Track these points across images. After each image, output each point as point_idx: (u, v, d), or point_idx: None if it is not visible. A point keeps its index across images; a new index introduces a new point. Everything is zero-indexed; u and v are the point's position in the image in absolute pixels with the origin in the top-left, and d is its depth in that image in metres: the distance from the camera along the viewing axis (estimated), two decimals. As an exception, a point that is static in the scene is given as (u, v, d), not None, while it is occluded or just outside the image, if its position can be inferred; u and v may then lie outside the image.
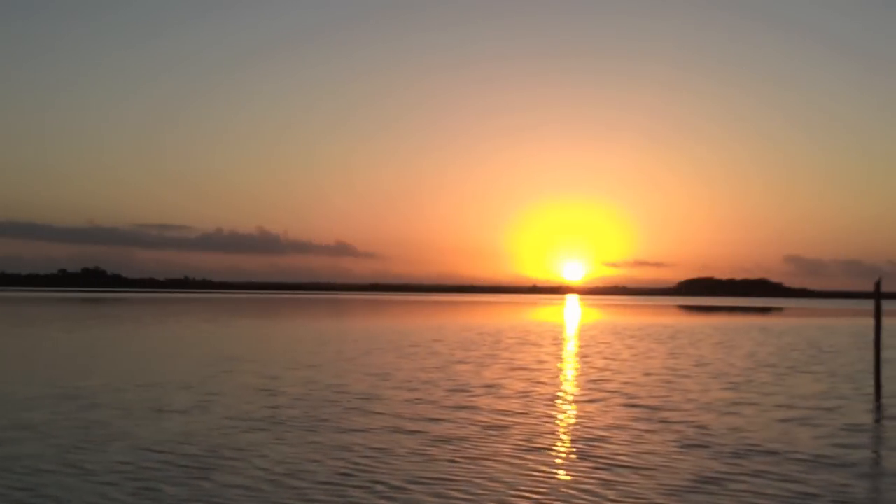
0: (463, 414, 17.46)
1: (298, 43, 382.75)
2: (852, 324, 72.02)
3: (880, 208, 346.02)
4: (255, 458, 12.90)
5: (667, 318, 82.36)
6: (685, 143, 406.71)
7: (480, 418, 16.93)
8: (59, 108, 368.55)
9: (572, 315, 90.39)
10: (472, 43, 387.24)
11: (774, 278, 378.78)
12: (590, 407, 18.67)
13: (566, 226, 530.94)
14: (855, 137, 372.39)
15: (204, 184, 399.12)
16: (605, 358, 32.02)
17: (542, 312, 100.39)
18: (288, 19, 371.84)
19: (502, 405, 18.78)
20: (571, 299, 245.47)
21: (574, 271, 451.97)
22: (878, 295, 23.50)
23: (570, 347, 37.86)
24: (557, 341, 42.14)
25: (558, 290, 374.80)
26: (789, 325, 68.94)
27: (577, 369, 27.38)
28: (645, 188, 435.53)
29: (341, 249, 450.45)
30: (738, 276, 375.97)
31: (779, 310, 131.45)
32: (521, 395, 20.64)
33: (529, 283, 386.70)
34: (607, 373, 26.29)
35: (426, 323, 63.24)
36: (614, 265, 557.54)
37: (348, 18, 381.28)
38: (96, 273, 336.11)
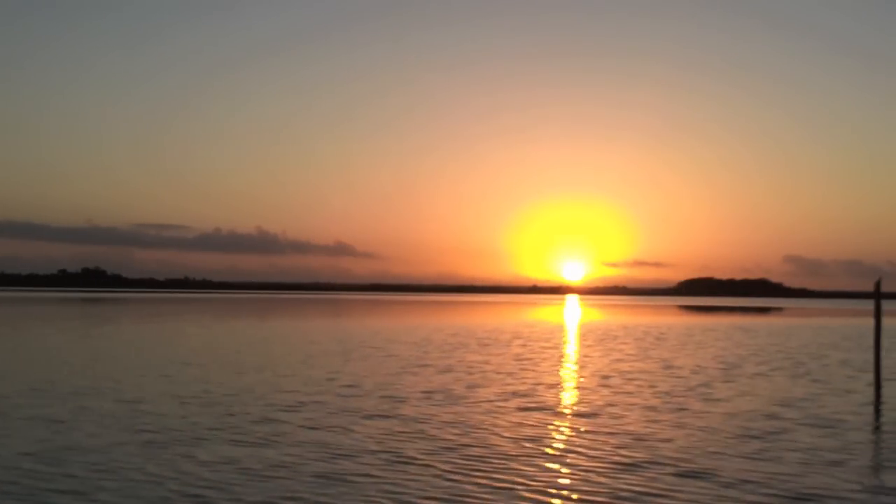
0: (373, 425, 16.58)
1: (296, 43, 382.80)
2: (845, 324, 70.97)
3: (880, 208, 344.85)
4: (105, 480, 11.97)
5: (657, 318, 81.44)
6: (685, 142, 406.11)
7: (390, 428, 16.07)
8: (57, 108, 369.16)
9: (561, 315, 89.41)
10: (470, 42, 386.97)
11: (774, 278, 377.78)
12: (510, 416, 17.78)
13: (566, 225, 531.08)
14: (856, 137, 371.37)
15: (202, 183, 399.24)
16: (566, 360, 31.11)
17: (533, 313, 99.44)
18: (285, 19, 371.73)
19: (422, 413, 17.90)
20: (571, 299, 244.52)
21: (574, 271, 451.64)
22: (878, 295, 23.24)
23: (535, 349, 36.85)
24: (527, 342, 41.20)
25: (558, 290, 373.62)
26: (780, 325, 67.87)
27: (526, 372, 26.46)
28: (645, 188, 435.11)
29: (340, 249, 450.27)
30: (738, 276, 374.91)
31: (778, 310, 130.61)
32: (451, 401, 19.73)
33: (530, 283, 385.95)
34: (555, 376, 25.38)
35: (405, 323, 62.29)
36: (614, 265, 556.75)
37: (346, 19, 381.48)
38: (96, 273, 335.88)
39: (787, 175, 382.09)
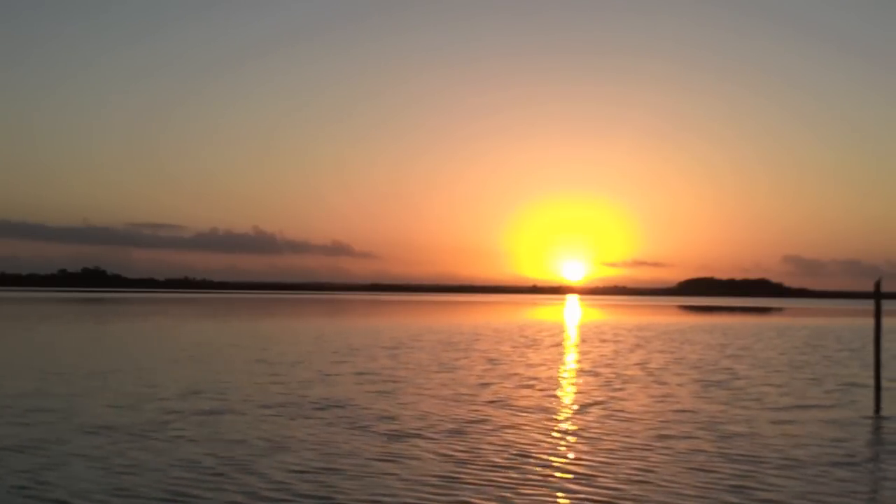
0: (173, 437, 15.40)
1: (293, 42, 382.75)
2: (837, 325, 69.11)
3: (880, 208, 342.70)
4: None
5: (643, 319, 79.89)
6: (685, 141, 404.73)
7: (207, 437, 14.86)
8: (51, 107, 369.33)
9: (544, 315, 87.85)
10: (467, 40, 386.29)
11: (774, 278, 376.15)
12: (317, 429, 16.57)
13: (565, 225, 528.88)
14: (857, 137, 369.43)
15: (198, 183, 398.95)
16: (484, 364, 29.68)
17: (519, 314, 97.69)
18: (282, 18, 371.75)
19: (250, 427, 16.68)
20: (570, 300, 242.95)
21: (574, 271, 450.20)
22: (877, 295, 22.72)
23: (467, 351, 35.37)
24: (465, 345, 39.69)
25: (558, 290, 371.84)
26: (766, 325, 66.17)
27: (414, 382, 25.10)
28: (645, 187, 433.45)
29: (338, 249, 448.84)
30: (738, 276, 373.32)
31: (777, 310, 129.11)
32: (316, 410, 18.50)
33: (529, 284, 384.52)
34: (450, 384, 24.01)
35: (369, 324, 60.83)
36: (614, 265, 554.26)
37: (342, 18, 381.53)
38: (96, 273, 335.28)
39: (788, 175, 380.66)
